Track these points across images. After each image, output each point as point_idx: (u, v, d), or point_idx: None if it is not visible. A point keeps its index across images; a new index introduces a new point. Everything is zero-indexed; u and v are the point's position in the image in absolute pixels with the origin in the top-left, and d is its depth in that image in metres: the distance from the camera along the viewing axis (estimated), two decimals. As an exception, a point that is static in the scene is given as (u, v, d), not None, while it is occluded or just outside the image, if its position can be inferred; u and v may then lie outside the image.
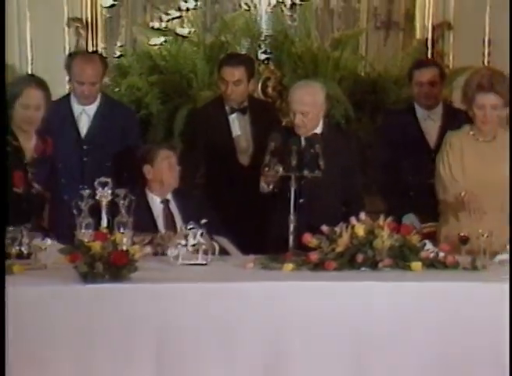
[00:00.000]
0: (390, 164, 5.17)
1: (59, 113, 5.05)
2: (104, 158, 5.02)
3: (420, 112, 5.32)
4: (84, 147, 5.07)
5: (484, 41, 6.20)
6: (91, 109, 5.08)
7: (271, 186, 4.51)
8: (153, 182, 4.64)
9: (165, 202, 4.63)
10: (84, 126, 5.09)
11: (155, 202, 4.62)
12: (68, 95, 5.18)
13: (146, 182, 4.66)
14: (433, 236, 4.56)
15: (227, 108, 5.29)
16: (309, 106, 4.64)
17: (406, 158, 5.16)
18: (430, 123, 5.30)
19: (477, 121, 4.62)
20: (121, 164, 4.97)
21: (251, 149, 5.24)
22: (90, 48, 6.03)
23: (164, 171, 4.63)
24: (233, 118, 5.29)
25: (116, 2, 6.31)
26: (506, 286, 3.79)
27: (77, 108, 5.09)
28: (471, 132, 4.68)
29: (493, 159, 4.61)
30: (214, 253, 4.07)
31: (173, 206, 4.64)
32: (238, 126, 5.29)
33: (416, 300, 3.77)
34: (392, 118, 5.50)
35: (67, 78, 5.30)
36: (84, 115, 5.09)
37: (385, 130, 5.38)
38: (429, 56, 6.26)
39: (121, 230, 3.95)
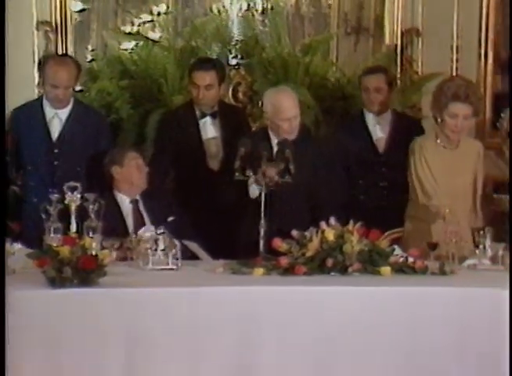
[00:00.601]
0: (341, 168, 5.20)
1: (31, 116, 5.03)
2: (75, 162, 5.00)
3: (369, 117, 5.40)
4: (55, 151, 5.05)
5: (452, 48, 6.26)
6: (64, 113, 5.06)
7: (263, 191, 4.50)
8: (122, 182, 4.66)
9: (134, 202, 4.65)
10: (55, 130, 5.06)
11: (124, 202, 4.64)
12: (40, 98, 5.15)
13: (114, 183, 4.66)
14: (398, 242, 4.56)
15: (197, 113, 5.30)
16: (296, 109, 4.71)
17: (356, 163, 5.21)
18: (380, 128, 5.37)
19: (446, 129, 4.65)
20: (92, 168, 4.95)
21: (221, 154, 5.24)
22: (59, 52, 5.99)
23: (133, 171, 4.66)
24: (203, 123, 5.29)
25: (86, 6, 6.28)
26: (475, 290, 3.84)
27: (49, 112, 5.06)
28: (438, 140, 4.70)
29: (457, 167, 4.64)
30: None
31: (142, 206, 4.65)
32: (208, 131, 5.29)
33: (385, 304, 3.79)
34: (342, 124, 5.56)
35: (36, 82, 5.26)
36: (57, 119, 5.07)
37: (336, 135, 5.42)
38: (398, 61, 6.31)
39: (90, 235, 3.94)
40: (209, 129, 5.28)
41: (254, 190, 4.53)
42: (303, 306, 3.77)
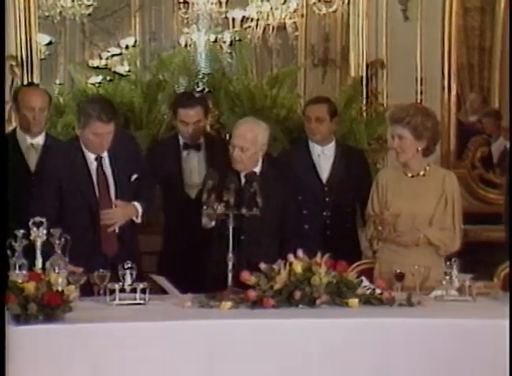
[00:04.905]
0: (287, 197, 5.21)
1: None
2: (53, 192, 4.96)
3: (313, 147, 5.43)
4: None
5: (416, 80, 6.32)
6: (38, 142, 5.05)
7: (213, 222, 4.48)
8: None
9: (99, 159, 4.61)
10: (33, 160, 5.03)
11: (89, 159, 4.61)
12: (14, 130, 5.14)
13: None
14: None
15: (181, 143, 5.30)
16: (249, 143, 4.65)
17: (300, 193, 5.23)
18: (324, 158, 5.42)
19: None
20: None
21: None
22: (26, 86, 5.97)
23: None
24: (186, 154, 5.29)
25: (53, 40, 6.28)
26: (442, 321, 3.84)
27: (23, 142, 5.03)
28: (402, 168, 4.73)
29: (419, 193, 4.63)
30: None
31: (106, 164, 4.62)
32: (191, 162, 5.29)
33: (352, 336, 3.78)
34: (287, 154, 5.58)
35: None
36: (32, 149, 5.04)
37: (280, 165, 5.44)
38: (364, 93, 6.35)
39: (56, 270, 3.90)
40: (192, 161, 5.28)
41: (206, 221, 4.51)
42: (271, 339, 3.75)
